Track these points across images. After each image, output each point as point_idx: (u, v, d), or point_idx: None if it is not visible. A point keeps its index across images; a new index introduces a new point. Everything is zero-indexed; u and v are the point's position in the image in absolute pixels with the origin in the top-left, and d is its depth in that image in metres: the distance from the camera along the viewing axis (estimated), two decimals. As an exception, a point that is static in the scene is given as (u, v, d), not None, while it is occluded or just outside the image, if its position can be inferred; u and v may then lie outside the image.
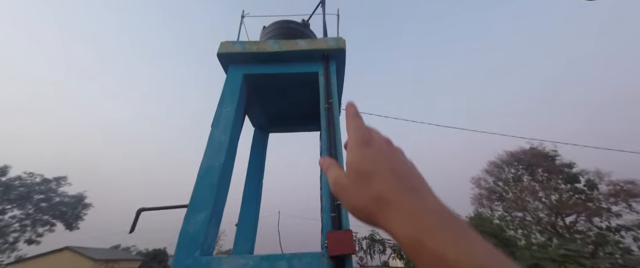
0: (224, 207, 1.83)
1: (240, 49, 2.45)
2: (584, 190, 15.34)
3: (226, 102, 2.20)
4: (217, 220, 1.72)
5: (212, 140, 1.95)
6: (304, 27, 3.06)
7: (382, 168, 0.27)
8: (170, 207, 1.78)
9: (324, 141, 1.94)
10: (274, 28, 3.02)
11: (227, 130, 2.01)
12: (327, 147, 1.89)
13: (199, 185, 1.70)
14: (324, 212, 1.61)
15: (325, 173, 0.32)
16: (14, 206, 22.22)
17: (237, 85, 2.32)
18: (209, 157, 1.85)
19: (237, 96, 2.24)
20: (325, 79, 2.28)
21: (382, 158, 0.28)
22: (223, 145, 1.92)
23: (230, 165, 1.97)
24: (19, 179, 22.78)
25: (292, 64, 2.49)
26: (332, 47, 2.41)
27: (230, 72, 2.42)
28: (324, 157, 0.35)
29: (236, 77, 2.38)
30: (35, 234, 22.90)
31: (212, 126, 2.04)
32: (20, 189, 22.42)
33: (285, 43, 2.47)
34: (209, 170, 1.78)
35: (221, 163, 1.81)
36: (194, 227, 1.55)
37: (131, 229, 1.71)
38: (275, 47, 2.44)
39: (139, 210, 1.77)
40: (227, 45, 2.48)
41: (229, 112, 2.13)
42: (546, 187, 16.35)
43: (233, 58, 2.46)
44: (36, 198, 23.30)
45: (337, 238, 1.38)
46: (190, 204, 1.62)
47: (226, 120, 2.08)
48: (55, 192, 24.03)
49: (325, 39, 2.50)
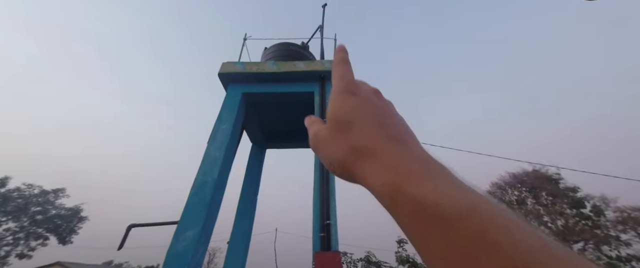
0: (215, 224, 1.82)
1: (240, 69, 2.55)
2: (590, 216, 14.91)
3: (224, 118, 2.26)
4: (207, 238, 1.71)
5: (207, 155, 1.98)
6: (303, 49, 3.20)
7: (364, 117, 0.24)
8: (161, 224, 1.77)
9: (317, 160, 1.97)
10: (274, 49, 3.16)
11: (223, 146, 2.05)
12: (319, 166, 1.91)
13: (190, 202, 1.71)
14: (314, 231, 1.60)
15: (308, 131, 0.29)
16: (9, 218, 21.91)
17: (235, 103, 2.39)
18: (202, 173, 1.87)
19: (234, 113, 2.31)
20: (321, 99, 2.35)
21: (366, 108, 0.25)
22: (217, 161, 1.95)
23: (223, 181, 1.98)
24: (18, 191, 22.65)
25: (290, 84, 2.58)
26: (328, 69, 2.51)
27: (229, 90, 2.51)
28: (309, 116, 0.32)
29: (235, 95, 2.46)
30: (28, 248, 22.35)
31: (208, 142, 2.08)
32: (18, 201, 22.22)
33: (284, 64, 2.58)
34: (201, 186, 1.79)
35: (214, 179, 1.83)
36: (182, 244, 1.55)
37: (120, 246, 1.70)
38: (274, 68, 2.54)
39: (129, 227, 1.76)
40: (229, 65, 2.59)
41: (225, 128, 2.19)
42: (551, 211, 15.93)
43: (233, 77, 2.56)
44: (32, 210, 23.01)
45: (325, 259, 1.36)
46: (181, 221, 1.62)
47: (222, 136, 2.12)
48: (52, 204, 23.76)
49: (321, 61, 2.61)
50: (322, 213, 1.64)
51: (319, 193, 1.76)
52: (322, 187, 1.78)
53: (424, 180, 0.17)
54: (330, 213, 1.66)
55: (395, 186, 0.18)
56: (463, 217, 0.15)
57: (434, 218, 0.15)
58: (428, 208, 0.16)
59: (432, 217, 0.15)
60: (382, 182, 0.19)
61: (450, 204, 0.15)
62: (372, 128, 0.23)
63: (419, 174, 0.18)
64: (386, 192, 0.19)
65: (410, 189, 0.17)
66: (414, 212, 0.16)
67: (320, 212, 1.65)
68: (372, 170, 0.20)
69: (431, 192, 0.16)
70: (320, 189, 1.78)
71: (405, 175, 0.18)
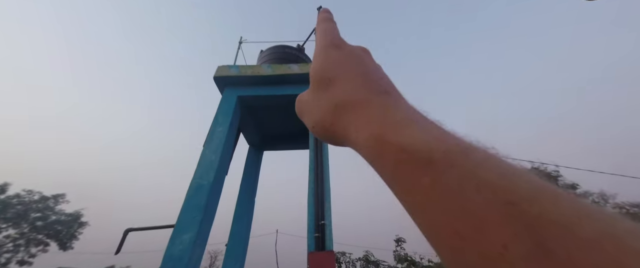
0: (211, 227, 1.84)
1: (235, 73, 2.58)
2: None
3: (219, 122, 2.28)
4: (203, 241, 1.73)
5: (202, 159, 2.00)
6: (298, 52, 3.22)
7: (348, 72, 0.22)
8: (157, 227, 1.79)
9: (311, 160, 1.99)
10: (270, 52, 3.19)
11: (219, 149, 2.07)
12: (314, 167, 1.93)
13: (186, 205, 1.73)
14: (309, 232, 1.62)
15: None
16: (9, 225, 21.85)
17: (231, 106, 2.42)
18: (198, 177, 1.89)
19: (230, 117, 2.33)
20: (315, 101, 2.37)
21: (350, 62, 0.23)
22: (213, 164, 1.97)
23: (219, 184, 2.00)
24: (17, 197, 22.60)
25: (285, 87, 2.60)
26: (323, 71, 2.53)
27: (225, 93, 2.53)
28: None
29: (231, 99, 2.48)
30: (28, 255, 22.28)
31: (204, 145, 2.10)
32: (17, 207, 22.17)
33: (279, 67, 2.60)
34: (197, 190, 1.81)
35: (210, 182, 1.85)
36: (179, 248, 1.56)
37: (117, 250, 1.72)
38: (269, 71, 2.57)
39: (126, 231, 1.78)
40: (224, 69, 2.61)
41: (221, 131, 2.21)
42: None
43: (229, 81, 2.58)
44: (32, 216, 22.96)
45: (319, 259, 1.38)
46: (177, 225, 1.64)
47: (218, 140, 2.14)
48: (52, 210, 23.71)
49: (316, 63, 2.63)
50: (316, 214, 1.66)
51: (314, 194, 1.78)
52: (317, 188, 1.80)
53: (409, 128, 0.16)
54: (325, 213, 1.68)
55: (379, 137, 0.17)
56: (452, 159, 0.14)
57: (421, 163, 0.14)
58: (415, 154, 0.15)
59: (419, 163, 0.14)
60: (366, 135, 0.18)
61: (438, 148, 0.14)
62: (355, 81, 0.21)
63: (404, 123, 0.17)
64: (371, 145, 0.17)
65: (395, 138, 0.16)
66: (400, 161, 0.15)
67: (314, 212, 1.67)
68: (357, 125, 0.19)
69: (418, 139, 0.15)
70: (314, 189, 1.80)
71: (391, 125, 0.17)
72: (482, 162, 0.13)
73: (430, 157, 0.14)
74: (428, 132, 0.16)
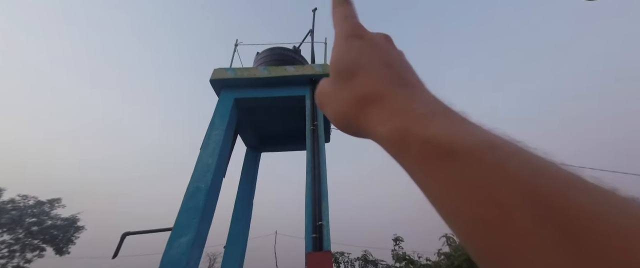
0: (209, 230, 1.84)
1: (232, 75, 2.58)
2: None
3: (216, 124, 2.29)
4: (201, 243, 1.73)
5: (199, 162, 2.01)
6: (294, 53, 3.24)
7: (370, 62, 0.21)
8: (155, 231, 1.79)
9: (308, 161, 2.00)
10: (266, 54, 3.19)
11: (216, 152, 2.07)
12: (311, 168, 1.94)
13: (184, 208, 1.73)
14: (306, 232, 1.64)
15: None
16: (4, 231, 21.58)
17: (227, 109, 2.42)
18: (195, 180, 1.89)
19: (227, 119, 2.33)
20: (312, 103, 2.39)
21: (372, 52, 0.22)
22: (210, 167, 1.97)
23: (217, 187, 2.01)
24: (12, 202, 22.33)
25: (281, 88, 2.61)
26: (319, 73, 2.55)
27: (222, 96, 2.54)
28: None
29: (227, 101, 2.49)
30: (24, 260, 22.02)
31: (201, 148, 2.11)
32: (12, 213, 21.90)
33: (275, 69, 2.61)
34: (195, 193, 1.82)
35: (207, 185, 1.86)
36: (177, 251, 1.57)
37: (115, 254, 1.72)
38: (265, 73, 2.58)
39: (124, 235, 1.78)
40: (220, 71, 2.62)
41: (218, 134, 2.21)
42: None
43: (225, 83, 2.59)
44: (28, 221, 22.68)
45: (316, 259, 1.39)
46: (175, 228, 1.65)
47: (215, 143, 2.15)
48: (48, 215, 23.44)
49: (312, 65, 2.66)
50: (314, 215, 1.68)
51: (311, 195, 1.79)
52: (314, 189, 1.82)
53: (435, 121, 0.16)
54: (323, 214, 1.69)
55: (404, 130, 0.16)
56: (478, 152, 0.13)
57: (447, 156, 0.14)
58: (440, 146, 0.14)
59: (445, 156, 0.14)
60: (390, 127, 0.17)
61: (464, 141, 0.14)
62: (379, 73, 0.20)
63: (429, 116, 0.16)
64: (395, 138, 0.17)
65: (421, 131, 0.16)
66: (425, 153, 0.15)
67: (312, 213, 1.68)
68: (380, 118, 0.18)
69: (444, 131, 0.15)
70: (312, 190, 1.82)
71: (416, 118, 0.17)
72: (510, 156, 0.13)
73: (456, 149, 0.14)
74: (454, 125, 0.15)
